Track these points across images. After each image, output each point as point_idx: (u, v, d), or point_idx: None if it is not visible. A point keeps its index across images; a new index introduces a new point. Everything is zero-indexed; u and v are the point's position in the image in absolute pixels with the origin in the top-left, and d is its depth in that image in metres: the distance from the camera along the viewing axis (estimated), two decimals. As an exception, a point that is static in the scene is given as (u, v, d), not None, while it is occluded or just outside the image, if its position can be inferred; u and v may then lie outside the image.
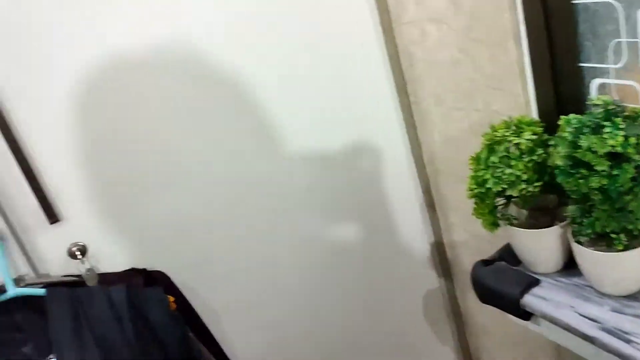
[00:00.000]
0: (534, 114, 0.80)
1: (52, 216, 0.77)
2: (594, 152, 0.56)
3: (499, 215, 0.72)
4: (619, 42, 0.66)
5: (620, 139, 0.55)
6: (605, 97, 0.60)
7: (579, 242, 0.65)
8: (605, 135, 0.56)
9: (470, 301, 1.19)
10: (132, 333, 0.76)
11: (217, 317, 0.95)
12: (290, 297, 1.03)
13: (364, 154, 1.04)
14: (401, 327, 1.18)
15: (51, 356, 0.73)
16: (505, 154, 0.68)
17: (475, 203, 0.72)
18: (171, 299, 0.84)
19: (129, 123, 0.83)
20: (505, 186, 0.67)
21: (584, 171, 0.58)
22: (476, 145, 0.72)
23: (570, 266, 0.71)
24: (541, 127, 0.70)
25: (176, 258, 0.90)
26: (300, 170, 0.98)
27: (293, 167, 0.97)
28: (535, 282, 0.72)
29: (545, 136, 0.70)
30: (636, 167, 0.56)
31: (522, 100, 0.80)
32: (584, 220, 0.62)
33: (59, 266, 0.82)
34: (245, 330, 0.99)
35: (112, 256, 0.85)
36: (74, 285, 0.78)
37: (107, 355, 0.74)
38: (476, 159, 0.71)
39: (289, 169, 0.97)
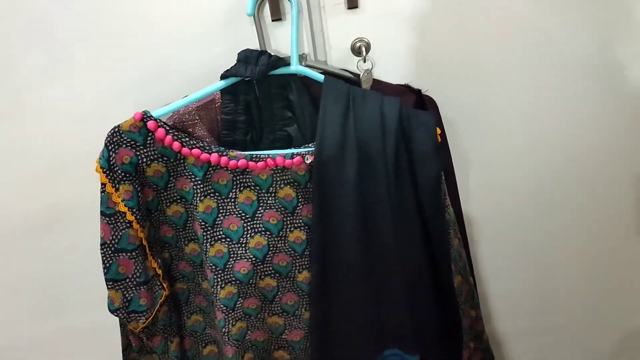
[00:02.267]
0: None
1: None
2: None
3: None
4: None
5: None
6: None
7: None
8: None
9: None
10: (392, 152, 0.70)
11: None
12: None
13: None
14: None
15: (311, 145, 0.70)
16: None
17: None
18: (438, 131, 0.74)
19: None
20: None
21: None
22: None
23: None
24: None
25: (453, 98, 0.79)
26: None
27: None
28: None
29: None
30: None
31: None
32: None
33: (337, 58, 0.76)
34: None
35: (389, 65, 0.76)
36: (347, 81, 0.73)
37: (362, 163, 0.69)
38: None
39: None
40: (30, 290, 0.92)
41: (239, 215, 0.70)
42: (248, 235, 0.71)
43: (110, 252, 0.66)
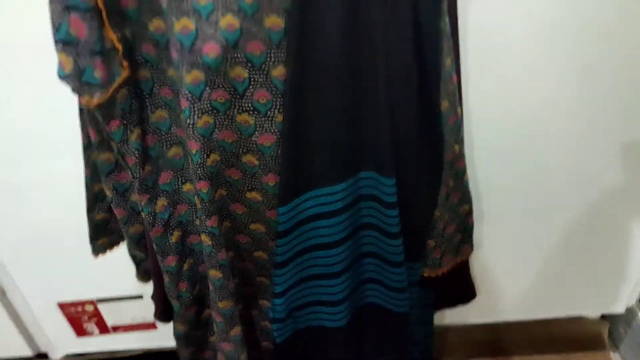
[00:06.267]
0: None
1: None
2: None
3: None
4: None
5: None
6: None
7: None
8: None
9: None
10: None
11: None
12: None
13: None
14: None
15: None
16: None
17: None
18: None
19: None
20: None
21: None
22: None
23: None
24: None
25: None
26: None
27: None
28: None
29: None
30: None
31: None
32: None
33: None
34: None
35: None
36: None
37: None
38: None
39: None
40: None
41: (210, -13, 0.61)
42: (219, 13, 0.63)
43: (59, 7, 0.58)
